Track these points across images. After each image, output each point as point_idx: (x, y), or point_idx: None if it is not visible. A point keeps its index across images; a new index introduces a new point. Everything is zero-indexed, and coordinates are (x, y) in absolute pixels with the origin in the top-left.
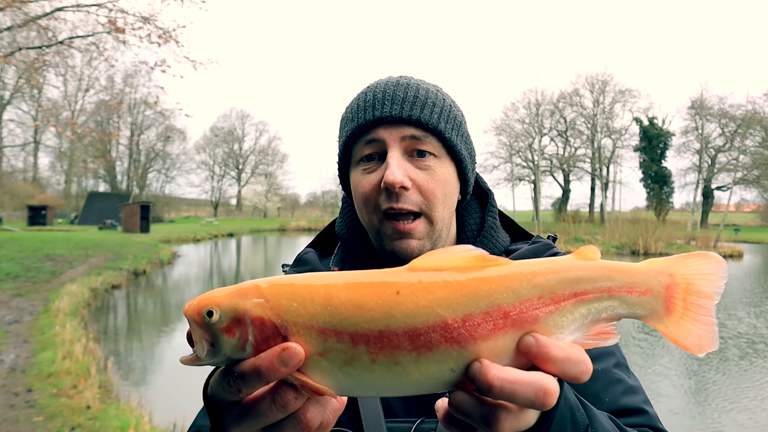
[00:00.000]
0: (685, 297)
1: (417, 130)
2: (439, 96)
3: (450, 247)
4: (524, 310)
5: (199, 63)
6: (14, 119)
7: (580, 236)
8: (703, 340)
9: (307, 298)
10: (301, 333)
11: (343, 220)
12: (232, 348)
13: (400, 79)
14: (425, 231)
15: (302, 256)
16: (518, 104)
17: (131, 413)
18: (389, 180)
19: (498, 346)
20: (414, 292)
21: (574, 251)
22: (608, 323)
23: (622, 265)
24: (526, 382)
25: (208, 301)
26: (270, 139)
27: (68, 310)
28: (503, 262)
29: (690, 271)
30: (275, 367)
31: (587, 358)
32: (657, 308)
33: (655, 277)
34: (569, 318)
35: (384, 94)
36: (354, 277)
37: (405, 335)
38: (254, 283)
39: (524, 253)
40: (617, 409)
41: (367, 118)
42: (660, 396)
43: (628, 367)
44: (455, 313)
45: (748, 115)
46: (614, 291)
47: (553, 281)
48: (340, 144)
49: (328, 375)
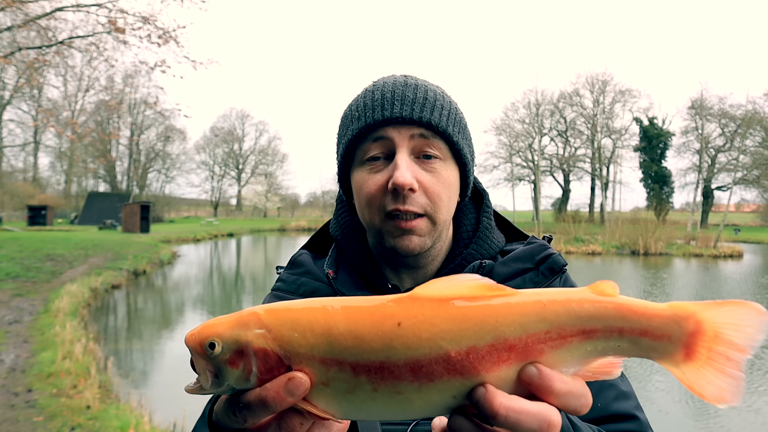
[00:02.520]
0: (711, 346)
1: (426, 131)
2: (446, 98)
3: (455, 276)
4: (530, 343)
5: (199, 63)
6: (14, 119)
7: (580, 236)
8: (724, 392)
9: (307, 328)
10: (303, 363)
11: (337, 221)
12: (236, 379)
13: (407, 79)
14: (427, 229)
15: (296, 258)
16: (518, 104)
17: (131, 413)
18: (399, 182)
19: (500, 377)
20: (416, 324)
21: (591, 285)
22: (615, 358)
23: (639, 305)
24: (531, 412)
25: (209, 332)
26: (270, 139)
27: (68, 310)
28: (511, 292)
29: (723, 320)
30: (282, 397)
31: (588, 392)
32: (674, 354)
33: (678, 323)
34: (574, 354)
35: (393, 94)
36: (353, 304)
37: (406, 367)
38: (253, 312)
39: (519, 254)
40: (609, 415)
41: (375, 117)
42: (660, 396)
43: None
44: (458, 346)
45: (748, 115)
46: (626, 332)
47: (563, 316)
48: (344, 142)
49: (332, 402)
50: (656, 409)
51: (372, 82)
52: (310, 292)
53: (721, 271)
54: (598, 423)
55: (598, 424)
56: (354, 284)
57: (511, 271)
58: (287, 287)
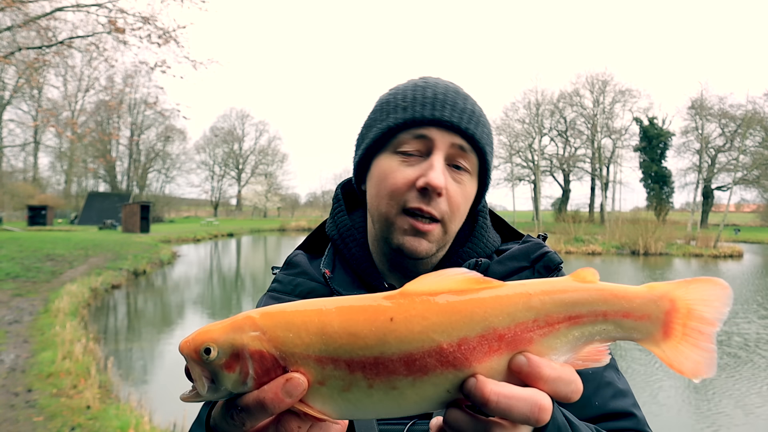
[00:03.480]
0: (685, 322)
1: (465, 143)
2: (485, 116)
3: (443, 270)
4: (519, 332)
5: (199, 63)
6: (14, 119)
7: (580, 236)
8: (700, 365)
9: (301, 327)
10: (299, 363)
11: (333, 220)
12: (233, 383)
13: (457, 87)
14: (438, 236)
15: (291, 259)
16: (518, 104)
17: (131, 413)
18: (434, 183)
19: (492, 367)
20: (408, 318)
21: (572, 273)
22: (602, 344)
23: (619, 289)
24: (522, 397)
25: (204, 337)
26: (270, 139)
27: (68, 310)
28: (497, 284)
29: (693, 296)
30: (280, 398)
31: (578, 378)
32: (654, 333)
33: (655, 302)
34: (563, 340)
35: (445, 97)
36: (346, 303)
37: (400, 361)
38: (247, 315)
39: (515, 253)
40: (607, 413)
41: (425, 114)
42: (660, 396)
43: (617, 368)
44: (450, 338)
45: (748, 115)
46: (610, 315)
47: (548, 304)
48: (382, 126)
49: (328, 401)
50: (656, 410)
51: (420, 78)
52: (307, 293)
53: (721, 271)
54: (596, 421)
55: (596, 422)
56: (350, 284)
57: (507, 269)
58: (283, 288)
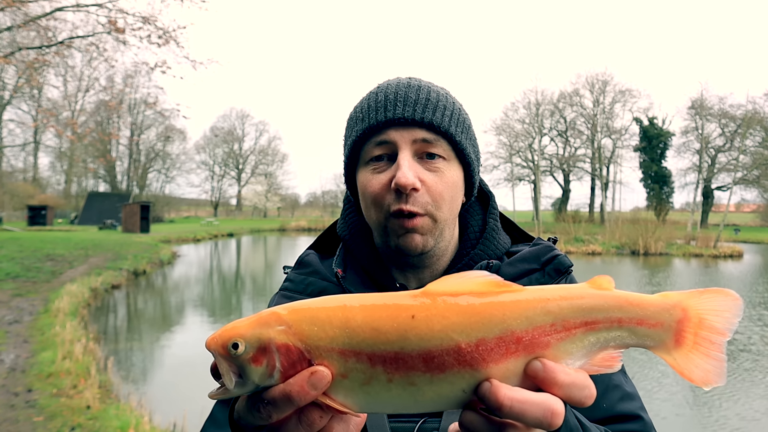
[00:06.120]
0: (696, 331)
1: (428, 132)
2: (449, 99)
3: (465, 272)
4: (536, 336)
5: (199, 63)
6: (14, 119)
7: (580, 236)
8: (709, 374)
9: (326, 321)
10: (324, 356)
11: (344, 221)
12: (261, 376)
13: (411, 80)
14: (429, 227)
15: (303, 258)
16: (518, 104)
17: (131, 413)
18: (401, 182)
19: (509, 369)
20: (429, 316)
21: (589, 280)
22: (615, 350)
23: (634, 297)
24: (535, 402)
25: (232, 333)
26: (270, 139)
27: (68, 310)
28: (517, 288)
29: (705, 306)
30: (305, 391)
31: (592, 384)
32: (666, 341)
33: (668, 311)
34: (578, 345)
35: (396, 95)
36: (369, 299)
37: (419, 357)
38: (273, 311)
39: (525, 255)
40: (614, 415)
41: (378, 118)
42: (660, 396)
43: (625, 372)
44: (469, 338)
45: (748, 115)
46: (624, 322)
47: (566, 309)
48: (349, 143)
49: (350, 394)
50: (666, 409)
51: (377, 85)
52: (318, 292)
53: (721, 271)
54: (603, 423)
55: (603, 424)
56: (362, 283)
57: (518, 271)
58: (295, 287)
